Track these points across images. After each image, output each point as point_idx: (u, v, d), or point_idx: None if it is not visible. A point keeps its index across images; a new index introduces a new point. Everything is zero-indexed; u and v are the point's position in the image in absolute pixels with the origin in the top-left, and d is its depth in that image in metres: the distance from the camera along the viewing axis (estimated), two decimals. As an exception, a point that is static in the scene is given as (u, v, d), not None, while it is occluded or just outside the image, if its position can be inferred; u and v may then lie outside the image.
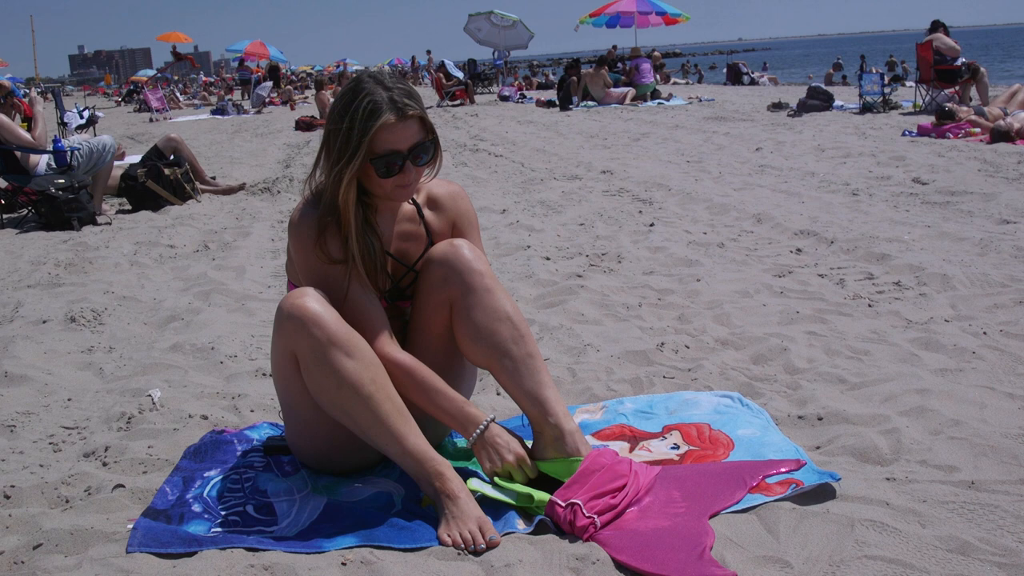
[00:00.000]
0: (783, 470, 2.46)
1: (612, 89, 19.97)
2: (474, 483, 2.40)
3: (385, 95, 2.35)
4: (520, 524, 2.30)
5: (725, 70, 31.53)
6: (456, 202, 2.72)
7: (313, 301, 2.36)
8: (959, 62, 13.47)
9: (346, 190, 2.39)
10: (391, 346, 2.44)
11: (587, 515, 2.24)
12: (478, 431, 2.39)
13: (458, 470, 2.41)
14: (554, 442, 2.44)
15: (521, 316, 2.55)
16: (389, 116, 2.35)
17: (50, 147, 7.76)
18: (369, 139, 2.34)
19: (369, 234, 2.50)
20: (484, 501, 2.35)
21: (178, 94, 33.18)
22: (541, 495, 2.34)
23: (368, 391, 2.33)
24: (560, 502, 2.28)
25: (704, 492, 2.38)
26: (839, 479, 2.38)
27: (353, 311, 2.43)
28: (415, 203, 2.67)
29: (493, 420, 2.42)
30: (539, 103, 21.21)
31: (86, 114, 14.23)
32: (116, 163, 8.40)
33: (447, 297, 2.55)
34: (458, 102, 22.81)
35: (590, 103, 19.56)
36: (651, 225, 6.28)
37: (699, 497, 2.36)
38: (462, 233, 2.71)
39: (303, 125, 16.88)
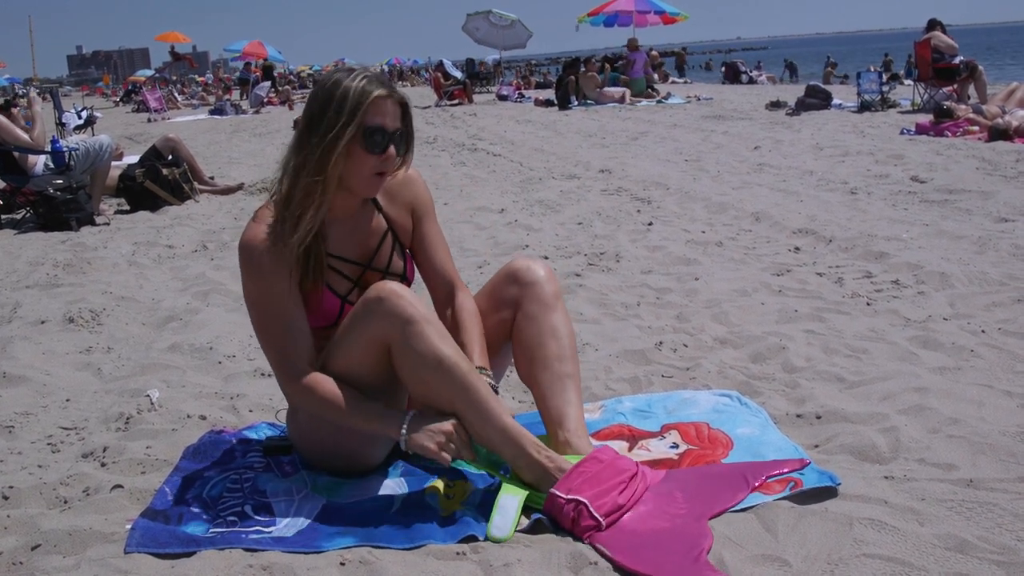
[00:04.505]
0: (786, 470, 2.46)
1: (607, 88, 19.96)
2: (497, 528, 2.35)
3: (371, 75, 2.42)
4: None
5: (723, 69, 31.55)
6: (411, 187, 2.71)
7: (401, 287, 2.41)
8: (957, 60, 13.47)
9: (336, 161, 2.37)
10: (312, 369, 2.42)
11: (595, 517, 2.23)
12: (405, 427, 2.35)
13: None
14: (559, 448, 2.45)
15: (572, 336, 2.65)
16: (381, 90, 2.39)
17: (48, 148, 7.75)
18: (364, 110, 2.36)
19: (317, 242, 2.47)
20: (478, 501, 2.37)
21: (176, 94, 33.15)
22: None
23: (464, 368, 2.37)
24: (562, 495, 2.27)
25: (705, 493, 2.38)
26: (839, 483, 2.38)
27: (279, 331, 2.42)
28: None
29: (415, 413, 2.38)
30: (537, 102, 21.20)
31: (84, 114, 14.22)
32: (114, 163, 8.39)
33: (512, 299, 2.66)
34: (456, 102, 22.81)
35: (589, 102, 19.56)
36: (649, 224, 6.28)
37: (700, 498, 2.35)
38: (419, 217, 2.72)
39: (301, 125, 16.85)
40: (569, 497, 2.26)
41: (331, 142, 2.35)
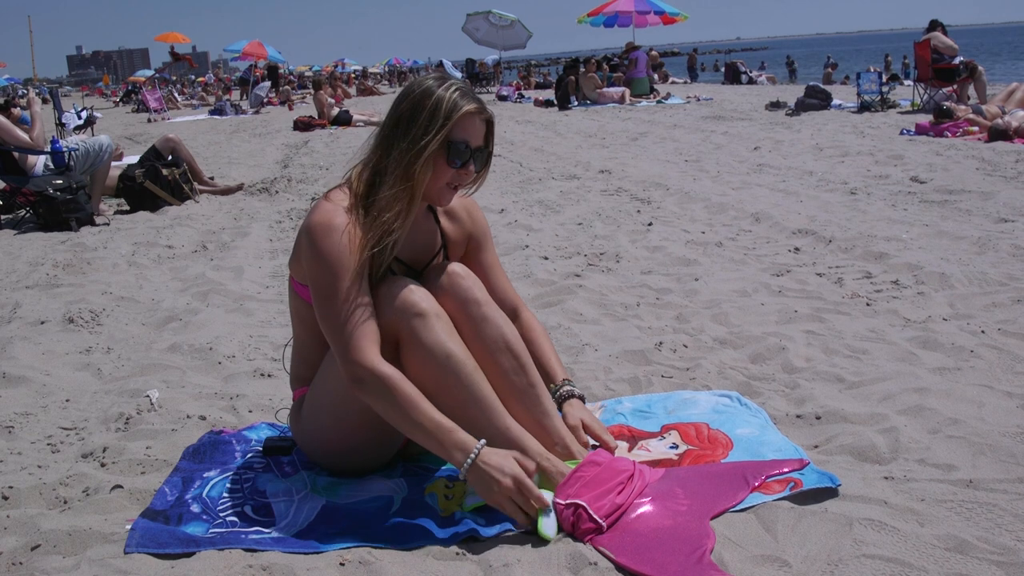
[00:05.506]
0: (786, 470, 2.46)
1: (606, 88, 19.98)
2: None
3: (464, 88, 2.46)
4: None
5: (723, 69, 31.55)
6: (472, 213, 2.78)
7: (412, 282, 2.43)
8: (957, 61, 13.47)
9: (422, 169, 2.39)
10: (379, 356, 2.32)
11: (596, 520, 2.22)
12: (470, 459, 2.24)
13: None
14: (556, 456, 2.44)
15: (521, 344, 2.55)
16: (472, 106, 2.43)
17: (47, 148, 7.75)
18: (453, 123, 2.39)
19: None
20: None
21: (176, 94, 33.14)
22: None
23: (471, 367, 2.39)
24: (560, 501, 2.27)
25: (707, 492, 2.38)
26: (839, 484, 2.38)
27: (351, 312, 2.35)
28: (431, 209, 2.67)
29: (484, 445, 2.27)
30: (537, 103, 21.22)
31: (84, 115, 14.20)
32: (114, 164, 8.39)
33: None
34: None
35: (589, 102, 19.57)
36: (649, 224, 6.28)
37: (701, 496, 2.36)
38: (479, 246, 2.77)
39: (301, 125, 16.88)
40: (568, 502, 2.26)
41: (419, 150, 2.38)
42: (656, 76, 25.68)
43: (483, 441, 2.29)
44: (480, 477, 2.24)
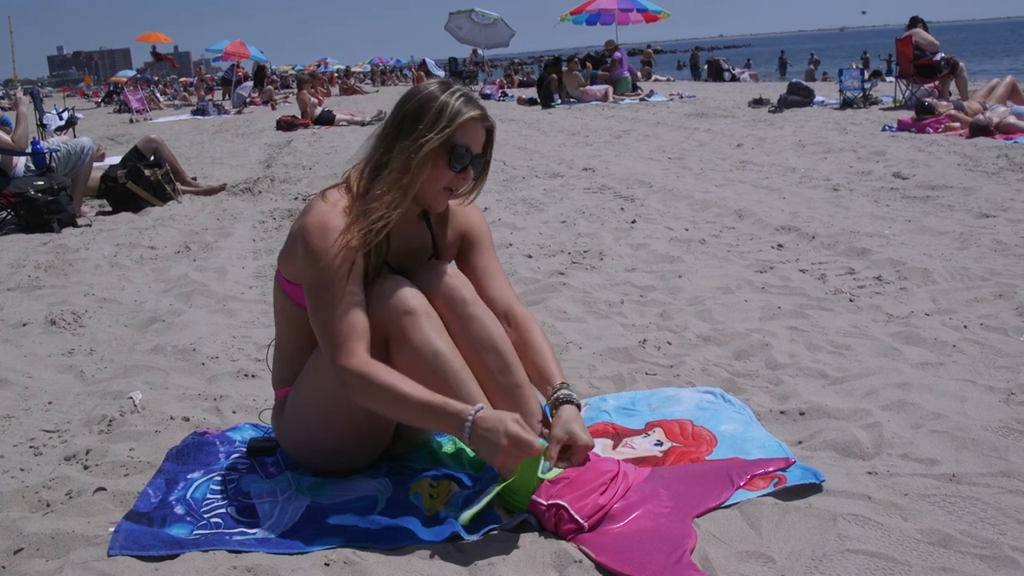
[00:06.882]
0: (771, 469, 2.46)
1: (589, 87, 19.99)
2: (464, 516, 2.37)
3: (468, 94, 2.49)
4: (503, 518, 2.29)
5: (705, 67, 31.61)
6: (467, 214, 2.74)
7: (402, 280, 2.44)
8: (938, 57, 13.55)
9: (422, 161, 2.39)
10: (363, 356, 2.33)
11: (577, 520, 2.22)
12: (467, 426, 2.25)
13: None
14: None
15: (508, 344, 2.53)
16: (476, 112, 2.46)
17: (29, 149, 7.70)
18: (456, 127, 2.41)
19: (383, 243, 2.47)
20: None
21: (158, 95, 32.97)
22: (521, 486, 2.32)
23: (458, 364, 2.41)
24: (543, 502, 2.27)
25: (691, 492, 2.38)
26: (823, 479, 2.39)
27: (341, 314, 2.34)
28: (424, 214, 2.65)
29: (480, 408, 2.27)
30: (520, 101, 21.22)
31: (65, 115, 14.12)
32: (96, 164, 8.33)
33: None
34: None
35: (572, 100, 19.59)
36: (633, 222, 6.29)
37: (685, 497, 2.36)
38: (472, 245, 2.72)
39: (284, 125, 16.82)
40: (549, 502, 2.26)
41: (419, 149, 2.38)
42: (640, 74, 25.71)
43: (478, 406, 2.28)
44: (481, 444, 2.25)
